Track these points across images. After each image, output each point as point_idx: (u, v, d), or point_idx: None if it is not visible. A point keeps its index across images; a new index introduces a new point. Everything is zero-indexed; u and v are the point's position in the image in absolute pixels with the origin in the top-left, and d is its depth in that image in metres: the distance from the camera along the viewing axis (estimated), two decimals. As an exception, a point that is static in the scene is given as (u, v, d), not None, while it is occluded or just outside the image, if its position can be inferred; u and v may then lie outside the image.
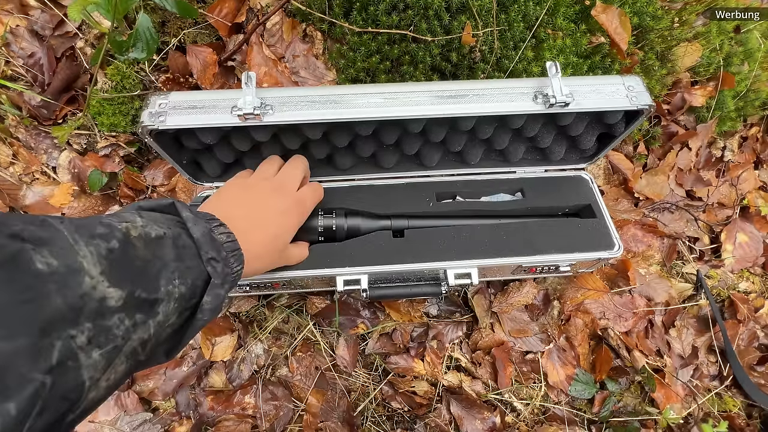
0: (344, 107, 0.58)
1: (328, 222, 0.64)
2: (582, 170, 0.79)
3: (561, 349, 0.81)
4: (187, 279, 0.33)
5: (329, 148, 0.71)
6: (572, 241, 0.69)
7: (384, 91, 0.60)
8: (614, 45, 0.76)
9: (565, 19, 0.77)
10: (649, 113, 0.63)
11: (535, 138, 0.73)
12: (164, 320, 0.31)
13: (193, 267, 0.34)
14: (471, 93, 0.60)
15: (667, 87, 0.90)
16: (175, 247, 0.33)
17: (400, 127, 0.67)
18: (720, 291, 0.90)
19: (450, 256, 0.67)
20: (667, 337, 0.84)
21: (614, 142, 0.72)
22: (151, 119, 0.56)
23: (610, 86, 0.63)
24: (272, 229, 0.51)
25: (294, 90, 0.59)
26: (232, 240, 0.40)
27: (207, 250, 0.35)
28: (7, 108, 0.77)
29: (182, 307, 0.33)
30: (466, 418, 0.75)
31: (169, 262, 0.32)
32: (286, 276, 0.64)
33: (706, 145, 0.97)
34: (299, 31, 0.83)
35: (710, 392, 0.81)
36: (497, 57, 0.76)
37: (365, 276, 0.65)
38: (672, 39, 0.83)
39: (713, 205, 0.96)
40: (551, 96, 0.59)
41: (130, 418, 0.71)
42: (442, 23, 0.73)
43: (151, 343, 0.30)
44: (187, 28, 0.80)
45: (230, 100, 0.57)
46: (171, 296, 0.31)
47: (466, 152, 0.75)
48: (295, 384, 0.77)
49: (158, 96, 0.58)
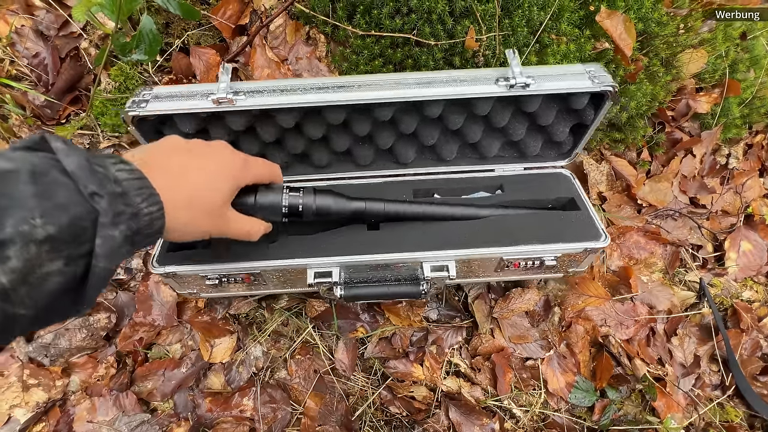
0: (310, 93, 0.61)
1: (294, 200, 0.56)
2: (562, 168, 0.78)
3: (561, 356, 0.80)
4: (59, 218, 0.28)
5: (304, 142, 0.71)
6: (555, 232, 0.67)
7: (350, 81, 0.63)
8: (618, 51, 0.76)
9: (570, 24, 0.76)
10: (615, 97, 0.63)
11: (507, 129, 0.72)
12: (27, 266, 0.27)
13: (69, 205, 0.29)
14: (436, 80, 0.62)
15: (671, 93, 0.89)
16: (35, 184, 0.28)
17: (369, 116, 0.67)
18: (723, 299, 0.89)
19: (426, 248, 0.64)
20: (668, 345, 0.84)
21: (588, 131, 0.71)
22: (133, 105, 0.59)
23: (571, 71, 0.64)
24: (206, 178, 0.44)
25: (265, 82, 0.63)
26: (138, 177, 0.35)
27: (85, 183, 0.30)
28: (11, 107, 0.78)
29: (66, 252, 0.29)
30: (465, 424, 0.74)
31: (23, 199, 0.27)
32: (255, 266, 0.63)
33: (710, 152, 0.97)
34: (302, 33, 0.83)
35: (712, 402, 0.80)
36: (501, 62, 0.76)
37: (337, 268, 0.64)
38: (677, 45, 0.82)
39: (717, 212, 0.95)
40: (511, 78, 0.61)
41: (129, 419, 0.71)
42: (445, 27, 0.73)
43: (20, 293, 0.27)
44: (191, 29, 0.81)
45: (208, 91, 0.61)
46: (29, 238, 0.27)
47: (440, 147, 0.75)
48: (293, 387, 0.76)
49: (144, 88, 0.62)
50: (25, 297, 0.27)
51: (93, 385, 0.74)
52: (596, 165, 0.92)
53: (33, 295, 0.28)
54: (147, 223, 0.35)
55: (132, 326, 0.76)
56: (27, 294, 0.27)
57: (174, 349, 0.77)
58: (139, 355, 0.76)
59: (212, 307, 0.80)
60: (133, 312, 0.77)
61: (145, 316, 0.77)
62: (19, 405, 0.70)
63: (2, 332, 0.28)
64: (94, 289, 0.32)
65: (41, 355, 0.73)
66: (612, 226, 0.90)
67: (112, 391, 0.73)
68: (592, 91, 0.64)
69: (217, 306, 0.80)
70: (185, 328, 0.78)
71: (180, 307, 0.79)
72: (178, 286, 0.68)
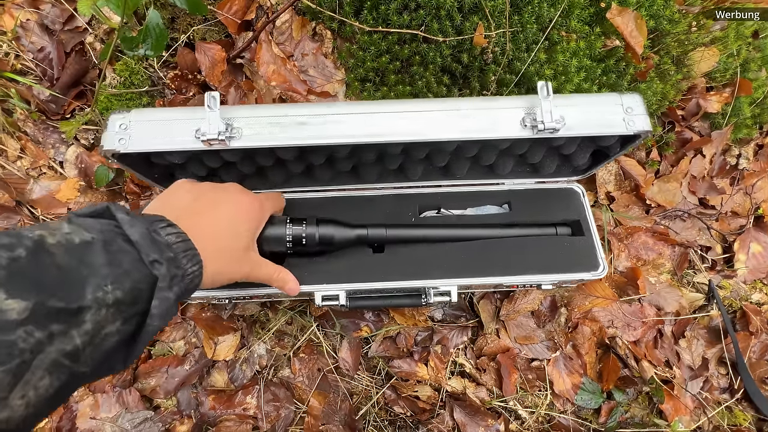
0: (313, 130, 0.54)
1: (297, 231, 0.58)
2: (574, 182, 0.76)
3: (567, 357, 0.80)
4: (124, 284, 0.31)
5: (305, 165, 0.68)
6: (556, 260, 0.67)
7: (356, 111, 0.55)
8: (629, 48, 0.75)
9: (580, 21, 0.75)
10: (647, 137, 0.59)
11: (525, 156, 0.70)
12: (96, 328, 0.29)
13: (132, 271, 0.32)
14: (454, 114, 0.55)
15: (682, 92, 0.88)
16: (107, 252, 0.31)
17: (377, 147, 0.63)
18: (732, 302, 0.88)
19: (431, 274, 0.65)
20: (676, 347, 0.83)
21: (609, 159, 0.69)
22: (111, 143, 0.52)
23: (606, 107, 0.57)
24: (227, 225, 0.47)
25: (262, 108, 0.56)
26: (183, 239, 0.38)
27: (148, 252, 0.33)
28: (16, 102, 0.77)
29: (125, 313, 0.31)
30: (470, 425, 0.74)
31: (98, 267, 0.30)
32: (263, 293, 0.64)
33: (720, 153, 0.95)
34: (309, 29, 0.82)
35: (720, 405, 0.79)
36: (509, 59, 0.75)
37: (343, 292, 0.64)
38: (689, 43, 0.81)
39: (727, 213, 0.94)
40: (539, 121, 0.55)
41: (132, 416, 0.71)
42: (453, 24, 0.72)
43: (86, 353, 0.29)
44: (197, 24, 0.80)
45: (194, 121, 0.53)
46: (102, 303, 0.29)
47: (451, 166, 0.72)
48: (297, 385, 0.76)
49: (118, 114, 0.53)
50: (89, 357, 0.29)
51: (96, 382, 0.74)
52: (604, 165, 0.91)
53: (95, 354, 0.30)
54: (189, 281, 0.38)
55: (135, 323, 0.76)
56: (91, 354, 0.29)
57: (177, 346, 0.77)
58: (143, 351, 0.76)
59: (217, 305, 0.79)
60: (136, 308, 0.77)
61: (149, 312, 0.76)
62: (22, 400, 0.70)
63: (67, 391, 0.30)
64: (142, 344, 0.34)
65: (45, 350, 0.73)
66: (620, 226, 0.89)
67: (115, 388, 0.72)
68: (624, 135, 0.59)
69: (222, 307, 0.79)
70: (189, 325, 0.78)
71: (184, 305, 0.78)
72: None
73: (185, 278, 0.37)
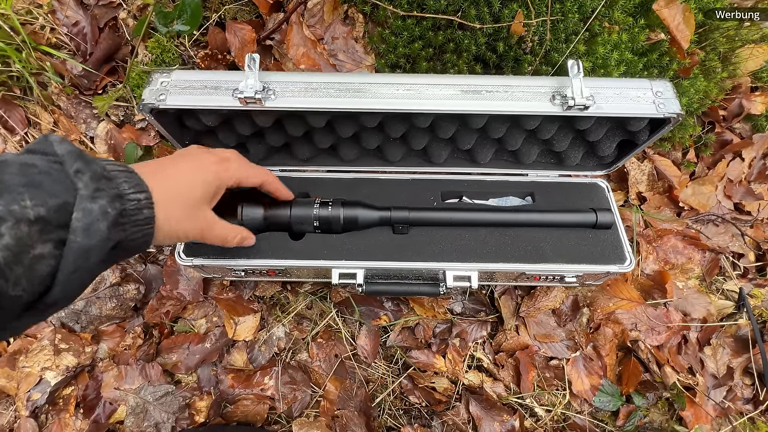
0: (347, 96, 0.57)
1: (324, 212, 0.61)
2: (598, 177, 0.74)
3: (587, 358, 0.78)
4: (48, 202, 0.29)
5: (333, 138, 0.69)
6: (581, 251, 0.65)
7: (391, 82, 0.58)
8: (674, 43, 0.71)
9: (624, 12, 0.72)
10: (677, 122, 0.58)
11: (551, 141, 0.69)
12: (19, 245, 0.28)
13: (58, 192, 0.30)
14: (484, 89, 0.58)
15: (725, 91, 0.84)
16: (24, 175, 0.30)
17: (407, 121, 0.64)
18: (762, 311, 0.85)
19: (451, 257, 0.64)
20: (701, 354, 0.81)
21: (636, 150, 0.67)
22: (151, 97, 0.55)
23: (636, 90, 0.58)
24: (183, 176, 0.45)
25: (298, 75, 0.58)
26: (125, 170, 0.37)
27: (72, 163, 0.32)
28: (51, 75, 0.78)
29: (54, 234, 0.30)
30: (485, 419, 0.73)
31: (13, 185, 0.29)
32: (281, 264, 0.64)
33: (760, 157, 0.91)
34: (340, 12, 0.81)
35: (743, 416, 0.77)
36: (547, 49, 0.72)
37: (362, 271, 0.64)
38: (738, 39, 0.77)
39: (763, 220, 0.90)
40: (570, 98, 0.56)
41: (154, 389, 0.73)
42: (492, 10, 0.70)
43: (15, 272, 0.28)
44: (228, 3, 0.79)
45: (233, 82, 0.56)
46: (21, 218, 0.28)
47: (475, 151, 0.72)
48: (314, 369, 0.77)
49: (160, 74, 0.57)
50: (21, 277, 0.28)
51: (120, 354, 0.75)
52: (638, 164, 0.88)
53: (28, 276, 0.29)
54: (134, 208, 0.36)
55: (159, 299, 0.77)
56: (22, 275, 0.28)
57: (199, 324, 0.78)
58: (165, 327, 0.77)
59: (237, 285, 0.80)
60: (160, 285, 0.78)
61: (172, 290, 0.78)
62: (50, 368, 0.72)
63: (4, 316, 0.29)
64: (69, 271, 0.31)
65: (73, 321, 0.75)
66: (649, 228, 0.86)
67: (139, 361, 0.74)
68: (654, 117, 0.59)
69: (242, 286, 0.80)
70: (210, 305, 0.79)
71: (206, 284, 0.79)
72: (204, 273, 0.68)
73: (125, 199, 0.35)
